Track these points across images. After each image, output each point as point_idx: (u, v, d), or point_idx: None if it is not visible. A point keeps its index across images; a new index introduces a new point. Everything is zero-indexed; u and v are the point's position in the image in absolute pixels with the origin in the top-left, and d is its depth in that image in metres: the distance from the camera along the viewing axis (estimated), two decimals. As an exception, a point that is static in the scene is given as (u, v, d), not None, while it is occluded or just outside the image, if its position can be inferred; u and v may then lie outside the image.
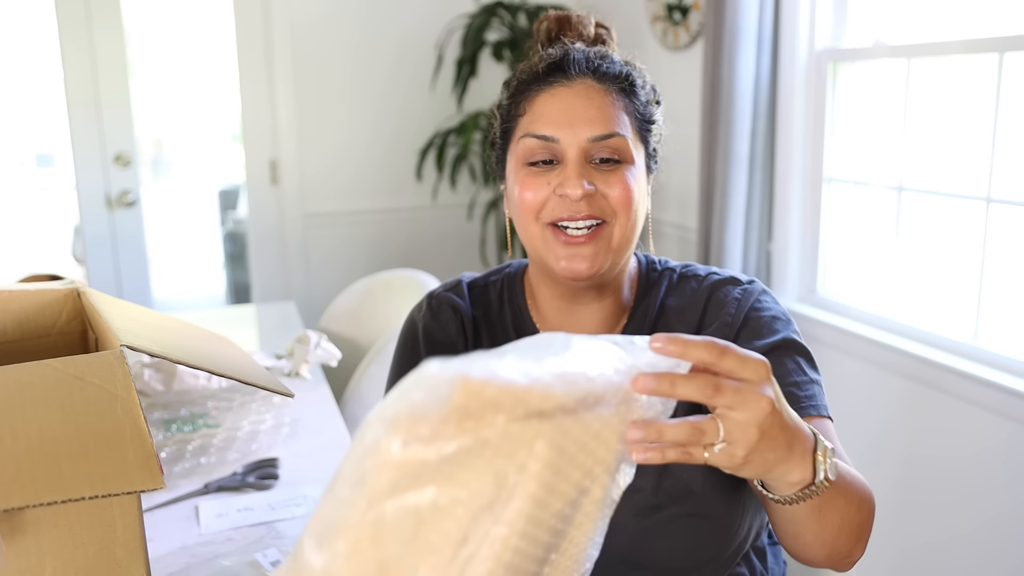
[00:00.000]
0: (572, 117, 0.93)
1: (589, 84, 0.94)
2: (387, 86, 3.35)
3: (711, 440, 0.62)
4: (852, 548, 0.81)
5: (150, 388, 1.58)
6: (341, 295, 2.37)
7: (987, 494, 1.87)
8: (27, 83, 4.25)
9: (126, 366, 0.76)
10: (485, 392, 0.53)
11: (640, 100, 0.97)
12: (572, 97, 0.94)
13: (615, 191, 0.92)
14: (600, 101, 0.93)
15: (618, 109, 0.94)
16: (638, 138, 0.96)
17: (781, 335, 0.94)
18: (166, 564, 1.08)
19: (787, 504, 0.73)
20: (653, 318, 1.00)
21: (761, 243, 2.45)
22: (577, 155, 0.92)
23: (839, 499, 0.77)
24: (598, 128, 0.92)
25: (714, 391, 0.61)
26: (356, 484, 0.54)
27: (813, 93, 2.33)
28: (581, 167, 0.92)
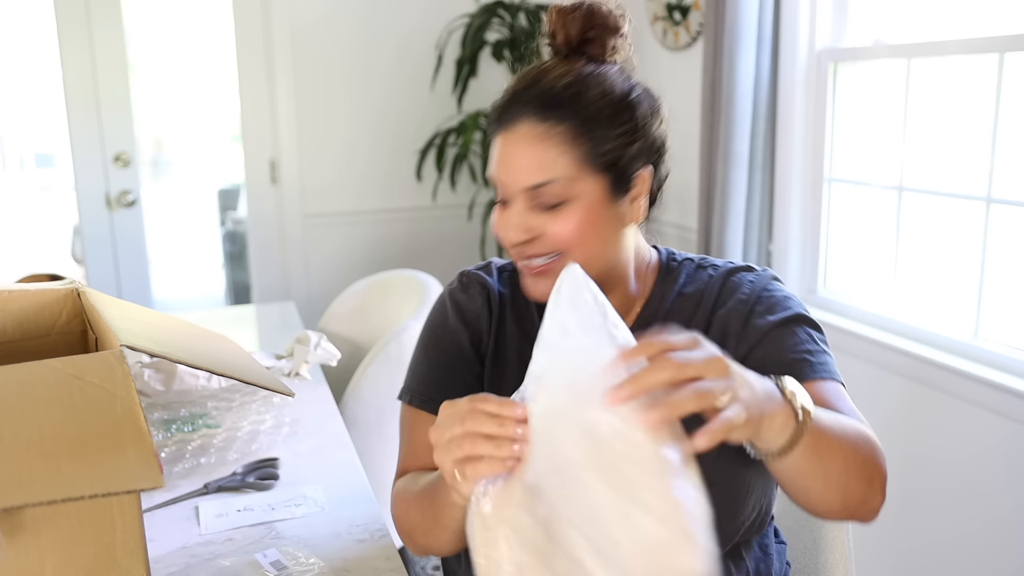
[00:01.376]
0: (510, 165, 0.95)
1: (525, 130, 0.93)
2: (387, 86, 3.35)
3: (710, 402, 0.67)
4: (866, 492, 0.82)
5: (150, 388, 1.58)
6: (341, 295, 2.37)
7: (987, 495, 1.86)
8: (27, 83, 4.25)
9: (126, 366, 0.76)
10: None
11: (592, 129, 0.93)
12: (512, 143, 0.95)
13: (560, 230, 0.94)
14: (538, 147, 0.93)
15: (556, 152, 0.92)
16: (591, 169, 0.94)
17: (794, 311, 0.98)
18: (166, 564, 1.07)
19: (785, 454, 0.76)
20: (668, 305, 1.04)
21: (761, 243, 2.45)
22: (520, 202, 0.95)
23: (832, 440, 0.79)
24: (534, 177, 0.93)
25: (678, 367, 0.67)
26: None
27: (813, 93, 2.33)
28: (523, 213, 0.95)
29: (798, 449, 0.75)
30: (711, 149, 2.43)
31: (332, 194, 3.37)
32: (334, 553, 1.10)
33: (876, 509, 0.85)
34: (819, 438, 0.77)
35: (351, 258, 3.43)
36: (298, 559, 1.07)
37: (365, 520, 1.18)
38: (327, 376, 1.84)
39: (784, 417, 0.74)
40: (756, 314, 0.98)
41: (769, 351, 0.95)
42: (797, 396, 0.76)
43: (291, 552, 1.09)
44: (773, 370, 0.89)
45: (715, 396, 0.67)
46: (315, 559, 1.07)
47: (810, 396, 0.80)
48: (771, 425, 0.74)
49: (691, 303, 1.03)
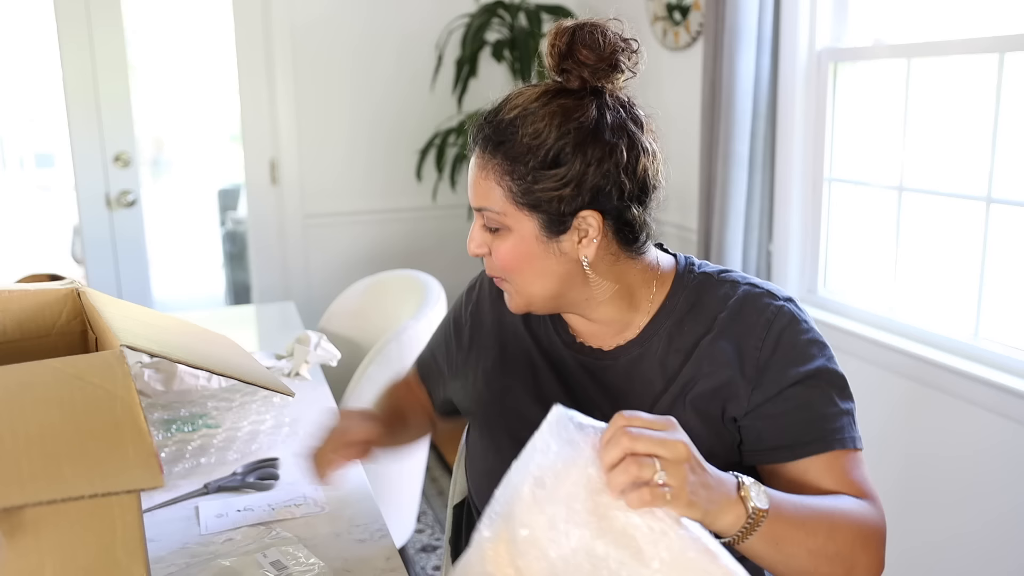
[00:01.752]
0: (470, 183, 1.01)
1: (477, 156, 0.99)
2: (387, 86, 3.35)
3: (648, 475, 0.71)
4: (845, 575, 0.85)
5: (150, 388, 1.58)
6: (341, 295, 2.37)
7: (987, 494, 1.87)
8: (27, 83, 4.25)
9: (126, 366, 0.76)
10: None
11: (518, 171, 0.93)
12: (471, 164, 1.00)
13: (498, 255, 0.99)
14: (477, 175, 0.98)
15: (489, 183, 0.96)
16: (519, 207, 0.95)
17: (816, 363, 0.96)
18: (166, 564, 1.07)
19: (738, 544, 0.79)
20: (679, 319, 1.02)
21: (761, 243, 2.45)
22: (477, 218, 1.01)
23: (796, 531, 0.82)
24: (476, 201, 0.99)
25: (631, 440, 0.72)
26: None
27: (813, 93, 2.33)
28: (478, 229, 1.01)
29: (752, 541, 0.79)
30: (711, 149, 2.43)
31: (332, 194, 3.37)
32: (334, 553, 1.10)
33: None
34: (779, 530, 0.80)
35: (351, 258, 3.43)
36: (298, 559, 1.07)
37: (365, 520, 1.18)
38: (327, 376, 1.84)
39: (734, 515, 0.77)
40: (774, 364, 0.95)
41: (783, 412, 0.94)
42: (751, 497, 0.78)
43: (291, 552, 1.09)
44: (783, 435, 0.93)
45: (651, 469, 0.71)
46: (315, 559, 1.07)
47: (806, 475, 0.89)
48: (721, 518, 0.77)
49: (701, 324, 1.00)
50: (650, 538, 0.71)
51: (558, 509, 0.73)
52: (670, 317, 1.02)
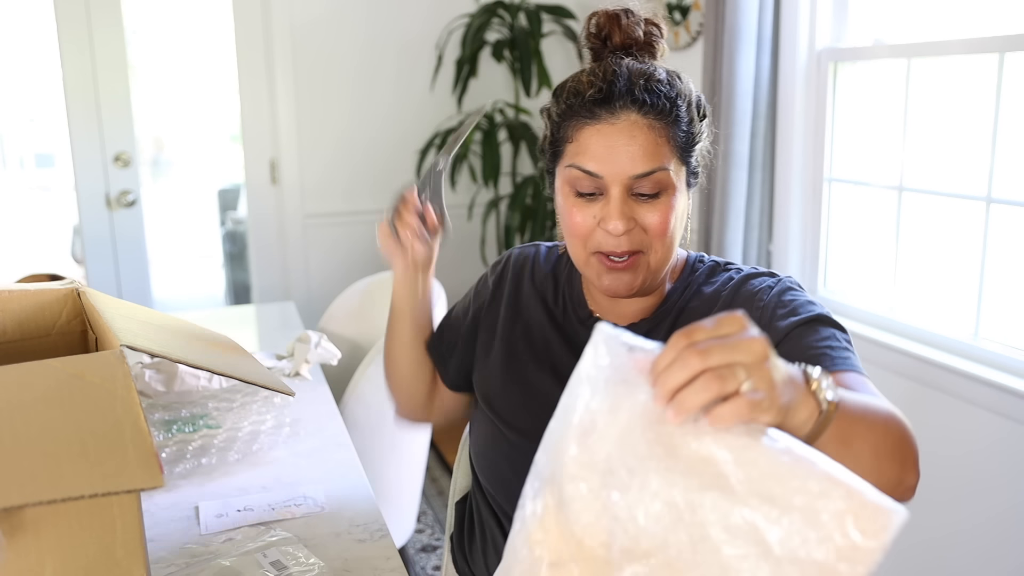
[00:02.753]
0: (615, 155, 0.96)
1: (633, 120, 0.97)
2: (387, 86, 3.35)
3: (733, 386, 0.60)
4: (899, 474, 0.81)
5: (151, 389, 1.58)
6: (341, 295, 2.37)
7: (987, 493, 1.87)
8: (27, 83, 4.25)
9: (126, 366, 0.76)
10: None
11: (683, 125, 0.99)
12: (616, 134, 0.97)
13: (654, 221, 0.98)
14: (643, 138, 0.96)
15: (660, 142, 0.97)
16: (680, 162, 1.00)
17: (817, 312, 0.99)
18: (166, 564, 1.07)
19: (809, 443, 0.71)
20: (684, 303, 1.08)
21: (761, 243, 2.45)
22: (620, 191, 0.97)
23: (860, 427, 0.77)
24: (640, 166, 0.96)
25: (700, 356, 0.60)
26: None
27: (813, 93, 2.33)
28: (623, 203, 0.97)
29: (823, 439, 0.73)
30: (711, 149, 2.43)
31: (332, 194, 3.37)
32: (334, 553, 1.10)
33: (912, 488, 0.83)
34: (846, 426, 0.75)
35: (351, 258, 3.43)
36: (298, 559, 1.07)
37: (365, 520, 1.18)
38: (327, 376, 1.84)
39: (808, 410, 0.70)
40: (777, 317, 0.98)
41: (791, 349, 0.95)
42: (823, 387, 0.71)
43: (291, 552, 1.09)
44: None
45: (735, 380, 0.60)
46: (315, 559, 1.07)
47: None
48: (795, 415, 0.69)
49: (707, 303, 1.06)
50: (733, 462, 0.58)
51: (614, 451, 0.60)
52: (681, 298, 1.08)
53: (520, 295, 1.18)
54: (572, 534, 0.62)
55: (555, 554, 0.63)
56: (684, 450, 0.59)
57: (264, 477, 1.32)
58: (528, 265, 1.20)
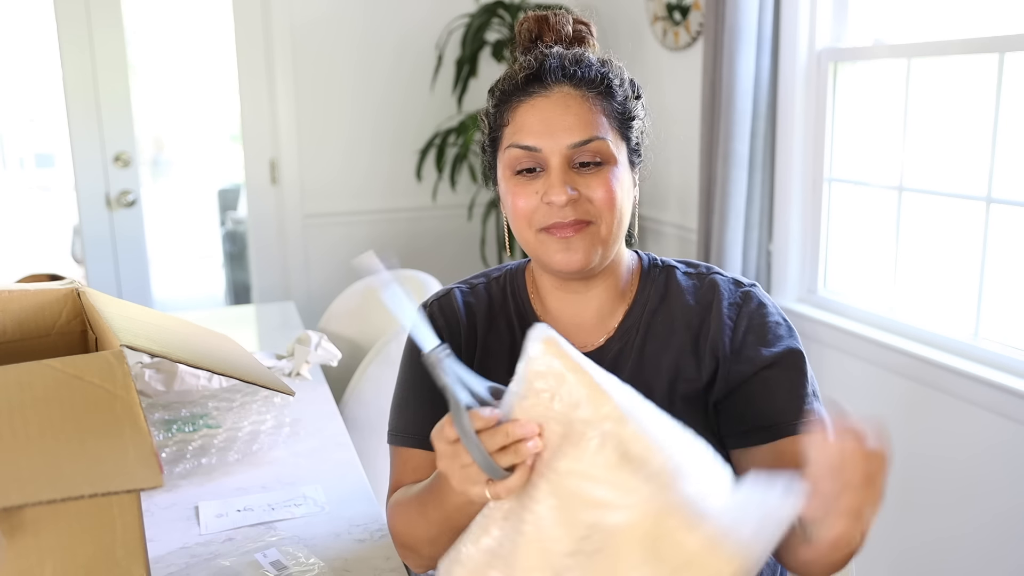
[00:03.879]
0: (551, 126, 0.97)
1: (566, 92, 0.98)
2: (387, 86, 3.35)
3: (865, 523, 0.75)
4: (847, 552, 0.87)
5: (151, 388, 1.58)
6: (341, 295, 2.37)
7: (987, 494, 1.87)
8: (27, 83, 4.25)
9: (126, 366, 0.76)
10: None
11: (618, 99, 1.00)
12: (550, 107, 0.98)
13: (598, 193, 0.97)
14: (577, 107, 0.97)
15: (596, 112, 0.98)
16: (618, 136, 1.00)
17: (785, 345, 1.00)
18: (166, 564, 1.08)
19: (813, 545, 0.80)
20: (652, 310, 1.05)
21: (761, 243, 2.45)
22: (559, 162, 0.97)
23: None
24: (577, 135, 0.96)
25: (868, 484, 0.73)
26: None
27: (813, 93, 2.33)
28: (563, 174, 0.96)
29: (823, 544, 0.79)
30: (711, 149, 2.43)
31: (332, 194, 3.37)
32: (334, 553, 1.10)
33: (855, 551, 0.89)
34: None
35: (351, 258, 3.42)
36: (298, 559, 1.07)
37: (365, 520, 1.18)
38: (327, 376, 1.84)
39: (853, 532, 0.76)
40: (747, 346, 0.99)
41: (759, 393, 0.98)
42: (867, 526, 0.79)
43: (291, 552, 1.09)
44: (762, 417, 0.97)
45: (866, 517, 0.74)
46: (315, 559, 1.07)
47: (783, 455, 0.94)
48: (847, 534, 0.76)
49: (673, 314, 1.04)
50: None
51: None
52: (644, 310, 1.05)
53: (476, 347, 1.09)
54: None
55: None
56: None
57: (264, 477, 1.33)
58: (459, 314, 1.10)
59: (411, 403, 1.08)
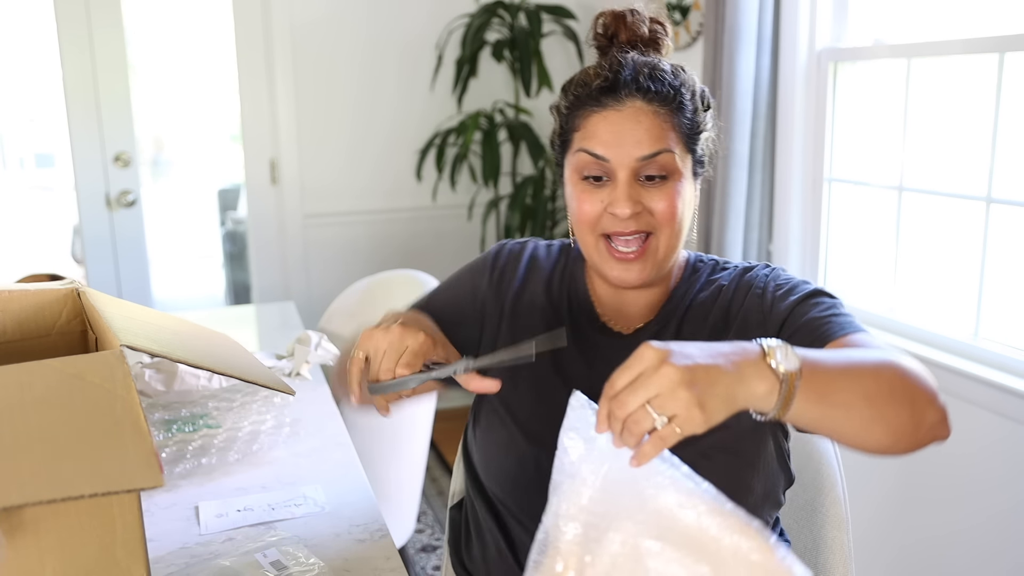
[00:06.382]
0: (621, 138, 1.00)
1: (638, 106, 1.01)
2: (387, 86, 3.35)
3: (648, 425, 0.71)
4: (914, 416, 0.81)
5: (151, 388, 1.58)
6: (341, 295, 2.37)
7: (986, 493, 1.87)
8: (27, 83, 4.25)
9: (126, 365, 0.76)
10: None
11: (687, 113, 1.03)
12: (622, 120, 1.01)
13: (661, 206, 1.01)
14: (648, 122, 1.00)
15: (665, 127, 1.01)
16: (685, 149, 1.03)
17: (813, 287, 1.02)
18: (166, 564, 1.08)
19: (785, 413, 0.76)
20: (687, 303, 1.09)
21: (761, 243, 2.45)
22: (626, 175, 1.00)
23: (840, 380, 0.79)
24: (645, 148, 1.00)
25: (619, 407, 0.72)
26: None
27: (813, 93, 2.33)
28: (629, 186, 1.00)
29: (799, 405, 0.76)
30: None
31: (332, 194, 3.37)
32: (334, 553, 1.10)
33: (936, 424, 0.83)
34: (822, 384, 0.77)
35: (351, 258, 3.43)
36: (298, 559, 1.07)
37: (365, 520, 1.18)
38: (327, 376, 1.84)
39: (766, 385, 0.75)
40: (778, 299, 1.02)
41: (796, 324, 0.98)
42: (778, 360, 0.75)
43: (291, 552, 1.09)
44: (804, 341, 0.93)
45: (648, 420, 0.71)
46: (315, 559, 1.07)
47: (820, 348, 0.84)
48: (753, 395, 0.75)
49: (708, 302, 1.08)
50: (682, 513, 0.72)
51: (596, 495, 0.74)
52: (686, 295, 1.09)
53: (523, 294, 1.16)
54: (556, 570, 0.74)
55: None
56: (649, 502, 0.73)
57: (264, 477, 1.33)
58: (525, 262, 1.18)
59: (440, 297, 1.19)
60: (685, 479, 0.74)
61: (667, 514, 0.72)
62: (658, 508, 0.72)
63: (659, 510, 0.72)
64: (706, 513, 0.72)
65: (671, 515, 0.72)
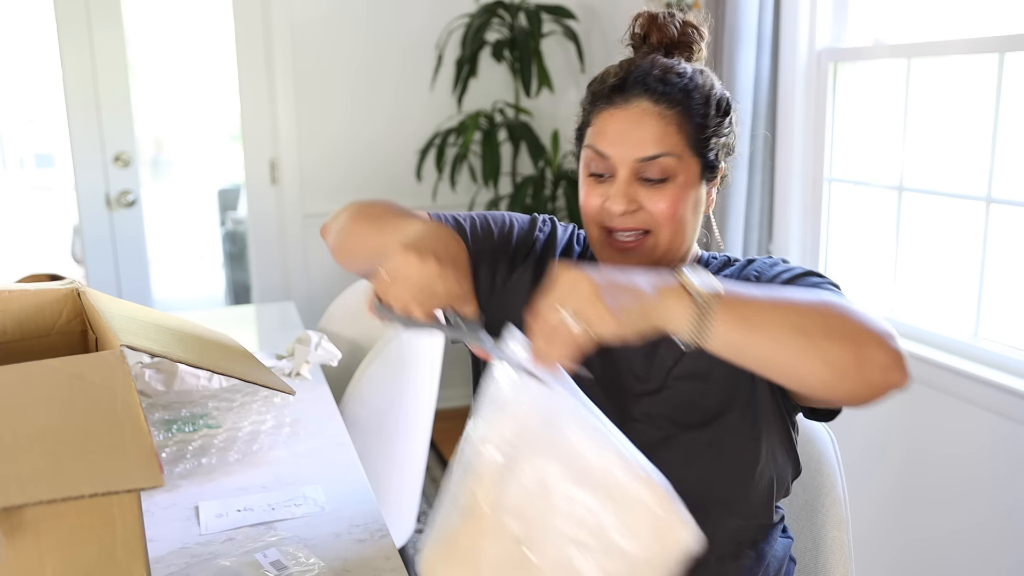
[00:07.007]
0: (624, 138, 1.01)
1: (644, 107, 1.01)
2: (387, 86, 3.35)
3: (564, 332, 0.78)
4: (856, 352, 0.78)
5: (151, 388, 1.58)
6: (341, 295, 2.37)
7: (986, 493, 1.87)
8: (27, 83, 4.25)
9: (126, 365, 0.76)
10: None
11: (697, 118, 1.03)
12: (626, 119, 1.02)
13: (659, 207, 1.01)
14: (652, 124, 1.01)
15: (670, 130, 1.01)
16: (692, 153, 1.03)
17: (806, 269, 1.04)
18: (166, 564, 1.08)
19: (707, 336, 0.78)
20: None
21: (761, 243, 2.45)
22: (626, 173, 1.01)
23: (768, 309, 0.80)
24: (646, 149, 1.00)
25: (538, 320, 0.80)
26: None
27: (813, 93, 2.33)
28: (628, 185, 1.01)
29: (718, 330, 0.78)
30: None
31: (332, 194, 3.37)
32: (334, 553, 1.10)
33: (889, 367, 0.78)
34: (746, 311, 0.79)
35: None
36: (298, 559, 1.07)
37: (365, 520, 1.18)
38: (327, 376, 1.84)
39: (682, 304, 0.79)
40: (769, 277, 1.04)
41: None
42: (692, 282, 0.79)
43: (291, 552, 1.09)
44: None
45: (556, 316, 0.78)
46: (315, 559, 1.07)
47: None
48: (666, 313, 0.79)
49: None
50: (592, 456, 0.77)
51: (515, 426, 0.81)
52: None
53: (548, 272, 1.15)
54: (472, 491, 0.80)
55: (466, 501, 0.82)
56: (564, 442, 0.77)
57: (264, 477, 1.33)
58: (563, 243, 1.18)
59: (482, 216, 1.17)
60: (601, 426, 0.78)
61: (579, 456, 0.76)
62: (571, 449, 0.76)
63: (572, 451, 0.76)
64: (617, 461, 0.76)
65: (583, 457, 0.76)
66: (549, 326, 0.79)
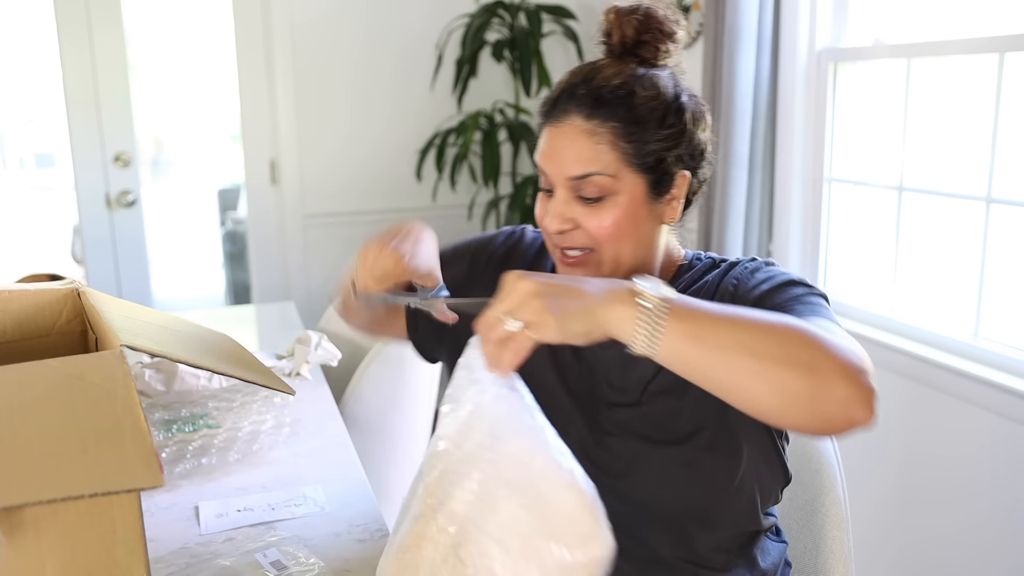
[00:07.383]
0: (556, 156, 0.99)
1: (576, 124, 0.97)
2: (387, 86, 3.35)
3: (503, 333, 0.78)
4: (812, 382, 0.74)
5: (151, 388, 1.58)
6: (341, 295, 2.37)
7: (986, 493, 1.87)
8: (27, 83, 4.25)
9: (126, 365, 0.76)
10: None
11: (632, 135, 0.96)
12: (559, 137, 0.99)
13: (593, 224, 0.98)
14: (582, 142, 0.96)
15: (601, 148, 0.96)
16: (633, 169, 0.97)
17: (789, 277, 0.99)
18: (166, 564, 1.08)
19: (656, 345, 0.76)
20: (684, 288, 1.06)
21: (761, 243, 2.45)
22: (562, 192, 0.99)
23: (723, 326, 0.77)
24: (577, 168, 0.97)
25: (485, 328, 0.80)
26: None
27: (813, 93, 2.33)
28: (564, 204, 0.99)
29: (669, 340, 0.76)
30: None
31: (332, 194, 3.37)
32: (334, 553, 1.10)
33: (850, 402, 0.74)
34: (698, 325, 0.76)
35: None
36: (298, 559, 1.07)
37: (365, 520, 1.18)
38: (327, 376, 1.84)
39: (629, 309, 0.77)
40: (750, 288, 0.98)
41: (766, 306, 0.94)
42: (642, 291, 0.78)
43: (291, 552, 1.09)
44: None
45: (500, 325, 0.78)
46: (315, 559, 1.07)
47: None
48: (614, 315, 0.78)
49: (701, 294, 1.05)
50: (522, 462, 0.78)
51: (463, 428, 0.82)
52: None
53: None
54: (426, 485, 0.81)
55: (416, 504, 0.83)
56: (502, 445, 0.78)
57: (264, 477, 1.33)
58: (534, 251, 1.17)
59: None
60: (541, 432, 0.79)
61: (517, 462, 0.77)
62: (510, 454, 0.78)
63: (512, 457, 0.78)
64: (550, 467, 0.76)
65: (519, 463, 0.77)
66: (495, 333, 0.79)
